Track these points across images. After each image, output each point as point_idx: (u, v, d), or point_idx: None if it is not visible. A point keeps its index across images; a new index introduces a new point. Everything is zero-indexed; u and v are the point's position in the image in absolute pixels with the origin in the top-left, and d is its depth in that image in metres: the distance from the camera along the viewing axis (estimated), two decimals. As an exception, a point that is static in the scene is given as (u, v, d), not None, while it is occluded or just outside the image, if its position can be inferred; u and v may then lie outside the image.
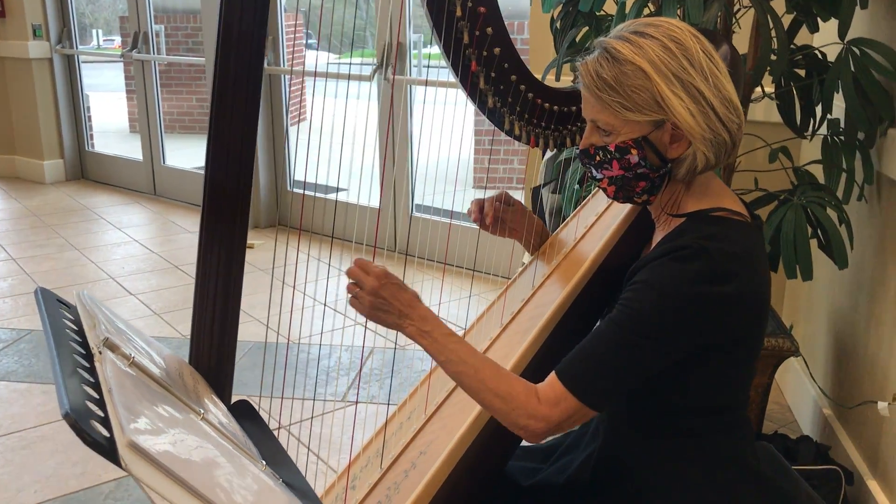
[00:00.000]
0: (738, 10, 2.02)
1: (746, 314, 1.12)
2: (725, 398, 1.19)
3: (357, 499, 1.32)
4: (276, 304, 3.53)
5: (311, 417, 2.64)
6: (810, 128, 2.10)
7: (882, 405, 1.86)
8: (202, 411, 0.99)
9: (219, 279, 1.21)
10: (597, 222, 1.37)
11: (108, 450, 0.71)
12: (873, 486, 1.97)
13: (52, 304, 1.03)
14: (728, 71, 1.27)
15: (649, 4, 1.89)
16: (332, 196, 4.47)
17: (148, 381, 0.94)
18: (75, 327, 1.00)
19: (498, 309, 1.40)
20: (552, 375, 1.11)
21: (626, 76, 1.08)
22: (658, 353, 1.09)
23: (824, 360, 2.40)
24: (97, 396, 0.81)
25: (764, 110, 2.47)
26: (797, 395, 2.62)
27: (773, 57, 1.81)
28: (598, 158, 1.15)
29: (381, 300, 1.17)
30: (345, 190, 4.74)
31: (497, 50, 1.22)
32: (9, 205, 5.24)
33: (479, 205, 1.48)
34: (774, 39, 1.79)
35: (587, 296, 1.27)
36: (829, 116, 2.07)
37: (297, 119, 7.97)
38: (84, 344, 0.96)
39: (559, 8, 2.14)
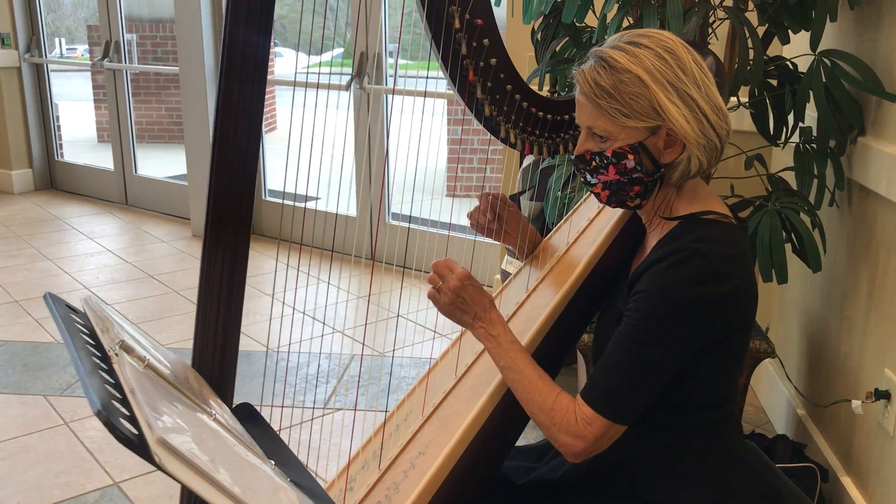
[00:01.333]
0: (714, 21, 2.09)
1: (740, 311, 1.17)
2: (717, 394, 1.24)
3: (356, 499, 1.34)
4: (255, 313, 3.53)
5: (290, 426, 2.65)
6: (783, 136, 2.17)
7: (856, 403, 1.93)
8: (213, 412, 1.01)
9: (222, 288, 1.22)
10: (589, 227, 1.42)
11: (138, 446, 0.73)
12: (847, 482, 2.04)
13: (63, 309, 1.04)
14: (715, 80, 1.33)
15: (628, 17, 1.95)
16: (309, 205, 4.48)
17: (162, 382, 0.96)
18: (87, 331, 1.01)
19: (499, 304, 1.44)
20: (579, 396, 1.17)
21: (624, 84, 1.13)
22: (669, 358, 1.14)
23: (798, 361, 2.47)
24: (119, 396, 0.83)
25: (738, 119, 2.54)
26: (771, 397, 2.69)
27: (749, 67, 1.87)
28: (594, 164, 1.20)
29: (461, 300, 1.24)
30: (318, 199, 4.76)
31: (493, 61, 1.26)
32: (-23, 215, 5.17)
33: (476, 211, 1.51)
34: (751, 50, 1.86)
35: (582, 297, 1.31)
36: (801, 125, 2.14)
37: (267, 128, 7.96)
38: (98, 347, 0.97)
39: (540, 19, 2.19)
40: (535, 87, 2.25)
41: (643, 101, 1.13)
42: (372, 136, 4.16)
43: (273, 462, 1.08)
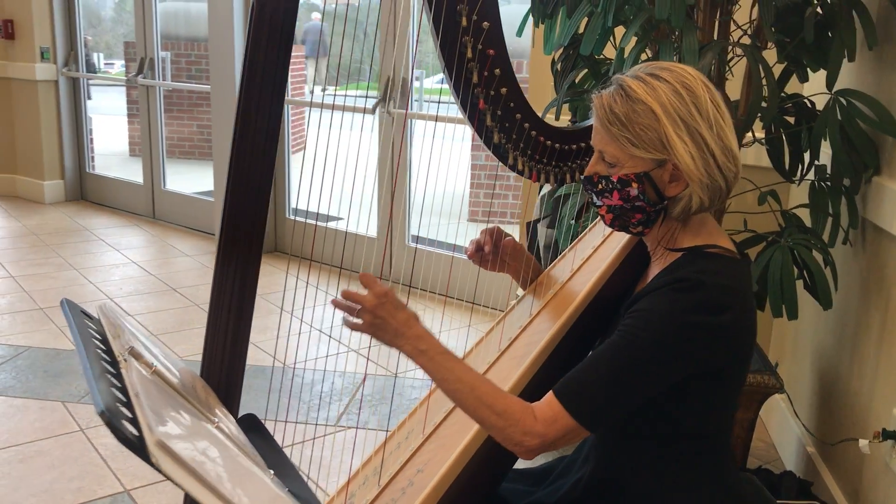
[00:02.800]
0: (732, 58, 2.12)
1: (737, 345, 1.18)
2: (711, 425, 1.25)
3: (355, 514, 1.37)
4: (273, 328, 3.58)
5: (303, 441, 2.68)
6: (798, 173, 2.18)
7: (863, 443, 1.92)
8: (216, 420, 1.04)
9: (233, 300, 1.27)
10: (593, 255, 1.44)
11: (138, 447, 0.77)
12: (854, 522, 2.03)
13: (78, 315, 1.08)
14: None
15: (647, 50, 1.98)
16: (330, 224, 4.54)
17: (168, 388, 1.00)
18: (99, 336, 1.06)
19: (496, 335, 1.47)
20: (550, 394, 1.17)
21: (637, 114, 1.16)
22: (653, 377, 1.15)
23: (809, 398, 2.46)
24: (124, 399, 0.87)
25: (754, 155, 2.56)
26: (782, 433, 2.68)
27: (764, 104, 1.90)
28: (600, 186, 1.23)
29: (380, 318, 1.21)
30: (341, 219, 4.82)
31: (504, 90, 1.30)
32: (8, 223, 5.28)
33: (476, 243, 1.54)
34: (765, 87, 1.88)
35: (583, 324, 1.33)
36: (816, 163, 2.15)
37: (297, 148, 8.07)
38: (108, 352, 1.01)
39: (560, 50, 2.23)
40: (552, 116, 2.29)
41: (652, 133, 1.15)
42: (395, 159, 4.21)
43: (273, 472, 1.11)
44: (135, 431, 0.80)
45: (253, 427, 1.28)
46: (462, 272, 3.88)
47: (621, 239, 1.40)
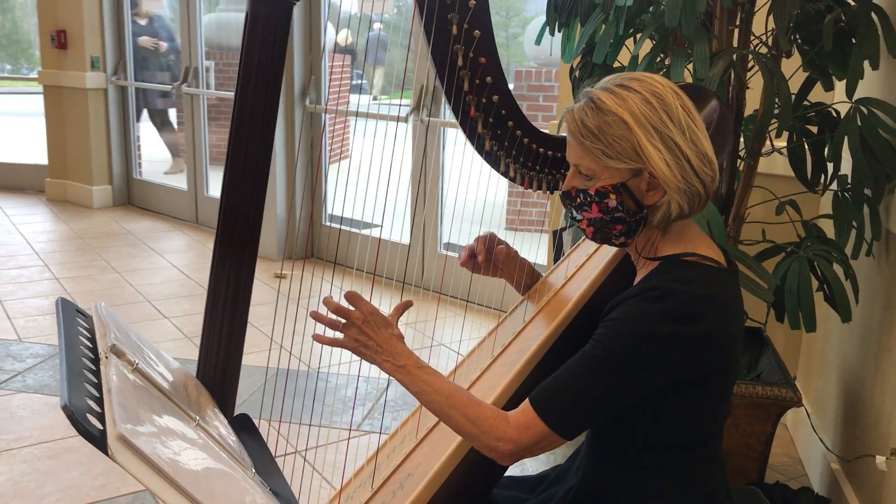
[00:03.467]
0: (752, 67, 2.09)
1: (714, 354, 1.17)
2: (695, 434, 1.24)
3: (348, 517, 1.39)
4: (304, 333, 3.62)
5: (326, 444, 2.71)
6: (821, 183, 2.15)
7: (880, 459, 1.87)
8: (196, 418, 1.07)
9: (227, 301, 1.30)
10: (586, 263, 1.44)
11: (99, 441, 0.79)
12: (873, 541, 1.98)
13: (70, 314, 1.12)
14: (717, 124, 1.34)
15: (661, 54, 1.97)
16: (364, 231, 4.58)
17: (148, 386, 1.03)
18: (88, 334, 1.09)
19: (491, 341, 1.47)
20: (525, 401, 1.18)
21: (609, 125, 1.16)
22: (624, 387, 1.15)
23: (833, 414, 2.41)
24: (97, 395, 0.90)
25: (772, 164, 2.52)
26: (808, 449, 2.62)
27: (776, 112, 1.87)
28: (578, 200, 1.23)
29: (364, 335, 1.24)
30: (377, 226, 4.86)
31: (495, 98, 1.31)
32: (57, 227, 5.45)
33: (469, 250, 1.55)
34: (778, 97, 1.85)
35: (571, 332, 1.33)
36: (839, 173, 2.11)
37: (338, 156, 8.15)
38: (94, 350, 1.05)
39: (578, 58, 2.23)
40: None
41: (625, 143, 1.15)
42: (428, 167, 4.24)
43: (254, 471, 1.13)
44: (99, 426, 0.83)
45: (245, 427, 1.31)
46: (491, 280, 3.88)
47: (611, 248, 1.39)
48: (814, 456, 2.54)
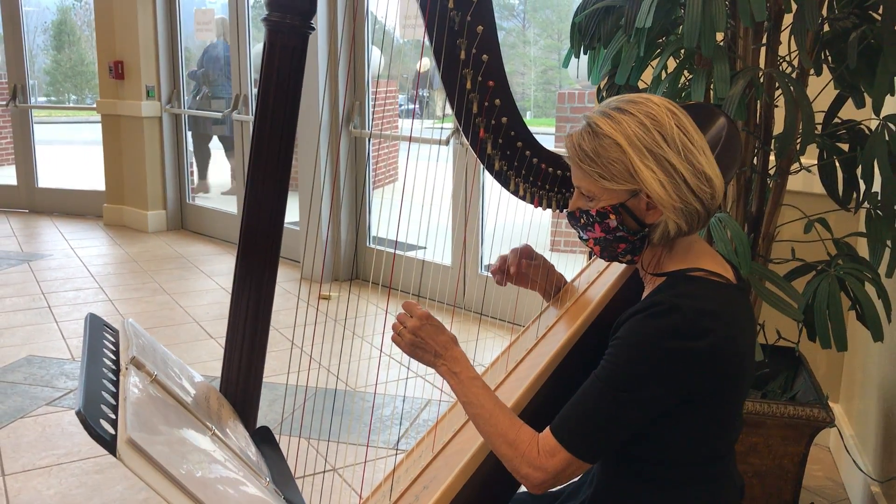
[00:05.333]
0: (779, 86, 2.09)
1: (721, 370, 1.18)
2: (706, 450, 1.24)
3: (366, 528, 1.42)
4: (346, 353, 3.68)
5: (364, 462, 2.75)
6: (853, 200, 2.13)
7: (914, 481, 1.84)
8: (213, 428, 1.12)
9: (248, 317, 1.35)
10: (597, 280, 1.47)
11: (109, 444, 0.85)
12: (911, 566, 1.93)
13: (98, 328, 1.19)
14: (725, 142, 1.36)
15: (685, 73, 1.98)
16: (408, 253, 4.64)
17: (166, 397, 1.08)
18: (114, 348, 1.15)
19: (505, 358, 1.50)
20: (547, 429, 1.21)
21: (604, 149, 1.19)
22: (638, 406, 1.17)
23: (874, 436, 2.36)
24: (114, 403, 0.95)
25: (802, 182, 2.50)
26: (849, 473, 2.57)
27: (799, 130, 1.87)
28: (582, 221, 1.26)
29: (420, 339, 1.31)
30: (423, 248, 4.91)
31: (504, 119, 1.35)
32: (113, 251, 5.64)
33: (501, 262, 1.59)
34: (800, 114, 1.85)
35: (581, 347, 1.35)
36: (871, 190, 2.09)
37: (389, 179, 8.25)
38: (117, 362, 1.11)
39: (605, 80, 2.26)
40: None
41: (620, 165, 1.18)
42: (469, 188, 4.29)
43: (269, 480, 1.17)
44: (111, 430, 0.88)
45: (265, 440, 1.35)
46: (531, 300, 3.90)
47: (621, 265, 1.41)
48: (855, 479, 2.49)
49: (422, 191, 1.72)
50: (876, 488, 2.28)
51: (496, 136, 1.35)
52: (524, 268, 1.58)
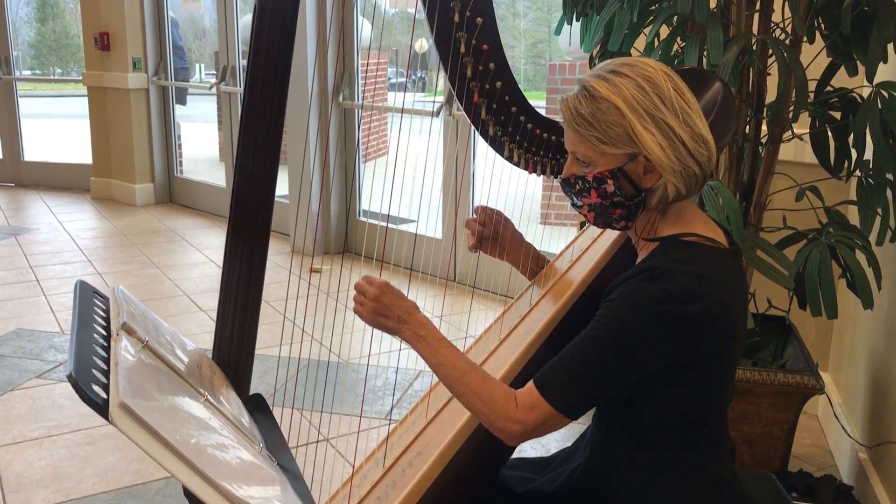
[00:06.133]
0: (773, 54, 2.08)
1: (713, 334, 1.18)
2: (699, 415, 1.25)
3: (360, 495, 1.42)
4: (336, 325, 3.68)
5: (358, 431, 2.75)
6: (845, 168, 2.12)
7: (902, 446, 1.86)
8: (205, 394, 1.11)
9: (240, 285, 1.34)
10: (590, 247, 1.46)
11: (101, 408, 0.84)
12: (898, 530, 1.96)
13: (88, 295, 1.18)
14: (720, 107, 1.35)
15: (678, 40, 1.97)
16: (399, 227, 4.63)
17: (158, 362, 1.07)
18: (104, 314, 1.14)
19: (499, 326, 1.50)
20: (530, 383, 1.20)
21: (602, 112, 1.17)
22: (624, 367, 1.17)
23: (861, 403, 2.38)
24: (105, 368, 0.95)
25: (794, 150, 2.49)
26: (838, 440, 2.60)
27: (792, 97, 1.86)
28: (577, 187, 1.25)
29: (382, 306, 1.29)
30: (413, 221, 4.90)
31: (499, 84, 1.33)
32: (101, 224, 5.60)
33: (473, 223, 1.58)
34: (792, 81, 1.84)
35: (574, 314, 1.35)
36: (863, 158, 2.09)
37: (379, 153, 8.21)
38: (108, 328, 1.10)
39: (598, 48, 2.24)
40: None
41: (619, 128, 1.17)
42: (460, 161, 4.27)
43: (262, 446, 1.17)
44: (103, 395, 0.87)
45: (258, 407, 1.35)
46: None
47: (614, 232, 1.40)
48: (843, 446, 2.52)
49: (412, 164, 1.71)
50: (863, 454, 2.31)
51: (490, 101, 1.34)
52: (495, 225, 1.56)
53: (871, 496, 2.11)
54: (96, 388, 0.88)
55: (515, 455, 1.45)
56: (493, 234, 1.56)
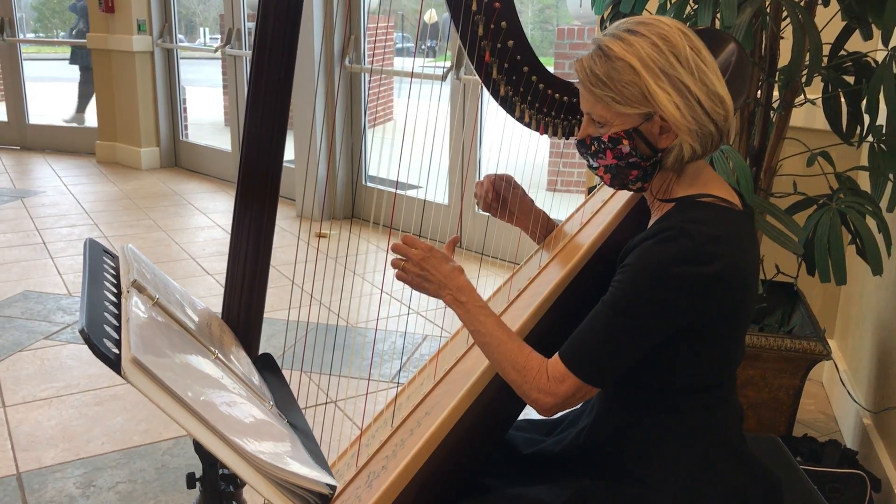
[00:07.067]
0: (787, 17, 2.05)
1: (728, 295, 1.17)
2: (708, 377, 1.25)
3: (368, 454, 1.43)
4: (345, 290, 3.69)
5: (366, 394, 2.77)
6: (857, 134, 2.10)
7: (908, 412, 1.86)
8: (216, 352, 1.12)
9: (249, 248, 1.34)
10: (601, 209, 1.45)
11: (113, 363, 0.84)
12: (901, 494, 1.97)
13: (97, 252, 1.18)
14: (735, 68, 1.33)
15: (691, 2, 1.94)
16: (406, 192, 4.62)
17: (168, 320, 1.07)
18: (114, 272, 1.14)
19: (508, 287, 1.50)
20: (556, 354, 1.21)
21: (617, 72, 1.16)
22: (646, 331, 1.17)
23: (867, 369, 2.38)
24: (116, 324, 0.95)
25: (806, 116, 2.47)
26: (842, 406, 2.61)
27: (806, 60, 1.84)
28: (593, 148, 1.24)
29: (425, 271, 1.30)
30: (419, 187, 4.89)
31: (511, 42, 1.32)
32: (106, 188, 5.60)
33: (482, 187, 1.57)
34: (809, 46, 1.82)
35: (585, 276, 1.35)
36: (875, 124, 2.07)
37: (384, 118, 8.17)
38: (118, 286, 1.10)
39: (609, 10, 2.21)
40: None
41: (634, 88, 1.16)
42: (468, 126, 4.24)
43: (272, 404, 1.18)
44: (115, 350, 0.87)
45: (268, 366, 1.35)
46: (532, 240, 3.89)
47: (626, 193, 1.40)
48: (847, 412, 2.53)
49: (418, 129, 1.70)
50: (868, 420, 2.32)
51: (502, 60, 1.32)
52: (503, 191, 1.56)
53: (875, 461, 2.12)
54: (108, 343, 0.88)
55: (522, 416, 1.45)
56: (501, 199, 1.55)
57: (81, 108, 7.43)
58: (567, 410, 1.32)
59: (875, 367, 2.31)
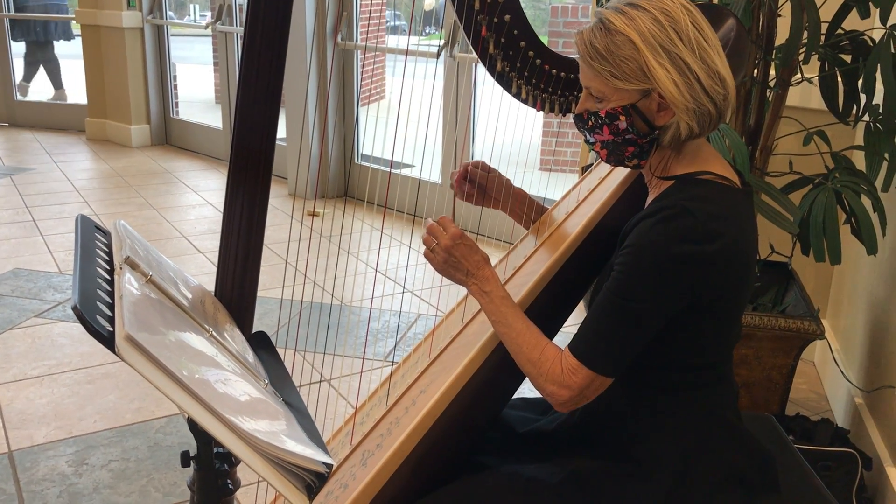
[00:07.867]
0: (784, -7, 2.03)
1: (729, 273, 1.17)
2: (703, 355, 1.24)
3: (363, 432, 1.43)
4: (337, 269, 3.68)
5: (360, 372, 2.77)
6: (853, 113, 2.10)
7: (900, 391, 1.87)
8: (210, 330, 1.11)
9: (242, 227, 1.32)
10: (598, 186, 1.44)
11: (107, 340, 0.83)
12: (892, 472, 1.98)
13: (89, 228, 1.16)
14: (734, 44, 1.32)
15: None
16: (399, 171, 4.59)
17: (162, 297, 1.06)
18: (106, 248, 1.13)
19: (503, 266, 1.49)
20: (566, 348, 1.21)
21: (617, 46, 1.14)
22: (654, 313, 1.16)
23: (859, 349, 2.39)
24: (110, 301, 0.94)
25: (802, 95, 2.46)
26: (834, 385, 2.62)
27: (804, 38, 1.83)
28: (590, 123, 1.22)
29: (453, 258, 1.30)
30: (412, 166, 4.86)
31: (507, 17, 1.30)
32: (97, 165, 5.55)
33: (458, 175, 1.56)
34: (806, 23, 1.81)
35: (583, 254, 1.34)
36: (872, 103, 2.06)
37: (376, 97, 8.12)
38: (110, 262, 1.08)
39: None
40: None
41: (633, 63, 1.14)
42: (461, 105, 4.22)
43: (267, 382, 1.17)
44: (109, 327, 0.86)
45: (262, 344, 1.34)
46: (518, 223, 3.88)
47: (624, 170, 1.39)
48: (839, 391, 2.54)
49: (411, 108, 1.69)
50: (859, 399, 2.33)
51: (499, 35, 1.30)
52: (479, 178, 1.55)
53: (867, 440, 2.13)
54: (102, 320, 0.87)
55: (517, 395, 1.45)
56: (478, 186, 1.54)
57: (57, 84, 7.29)
58: (581, 405, 1.30)
59: (867, 346, 2.32)
